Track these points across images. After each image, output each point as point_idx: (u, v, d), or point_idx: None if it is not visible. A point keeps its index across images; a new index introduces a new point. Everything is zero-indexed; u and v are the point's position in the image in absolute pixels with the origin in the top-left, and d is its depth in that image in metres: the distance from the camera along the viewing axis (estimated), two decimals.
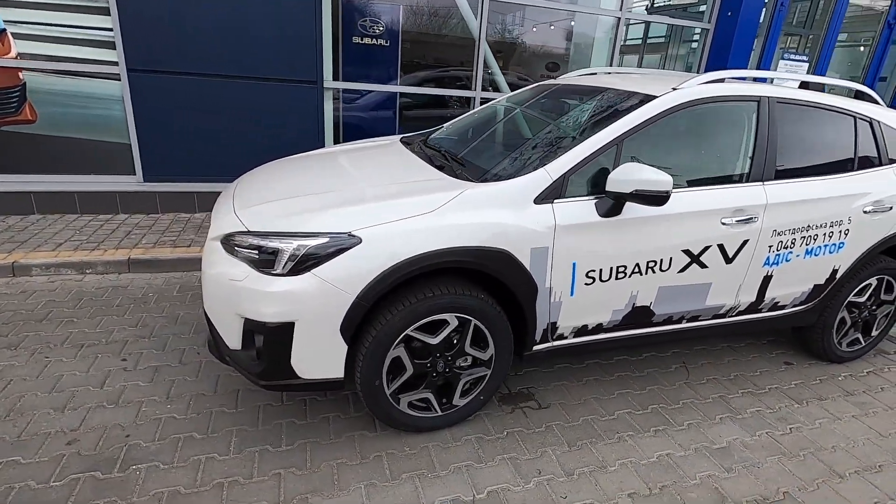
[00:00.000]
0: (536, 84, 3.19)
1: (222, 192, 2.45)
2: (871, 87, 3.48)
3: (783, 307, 2.61)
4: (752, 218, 2.27)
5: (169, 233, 3.88)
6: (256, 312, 1.78)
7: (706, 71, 5.42)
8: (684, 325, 2.43)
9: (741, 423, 2.34)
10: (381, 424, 2.14)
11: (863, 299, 2.79)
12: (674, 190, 1.92)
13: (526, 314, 2.03)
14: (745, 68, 5.31)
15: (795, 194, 2.37)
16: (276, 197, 2.06)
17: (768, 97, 2.36)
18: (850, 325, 2.85)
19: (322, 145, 4.61)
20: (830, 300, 2.68)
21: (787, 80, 2.55)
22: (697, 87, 2.23)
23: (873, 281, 2.76)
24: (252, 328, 1.84)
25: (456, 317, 1.94)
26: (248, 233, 1.86)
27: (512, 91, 5.41)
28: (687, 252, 2.21)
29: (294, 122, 4.44)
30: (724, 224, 2.23)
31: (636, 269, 2.14)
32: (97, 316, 2.84)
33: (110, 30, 3.83)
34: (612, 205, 2.01)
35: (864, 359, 3.01)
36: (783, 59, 5.77)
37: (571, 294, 2.08)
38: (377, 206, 1.86)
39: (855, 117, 2.58)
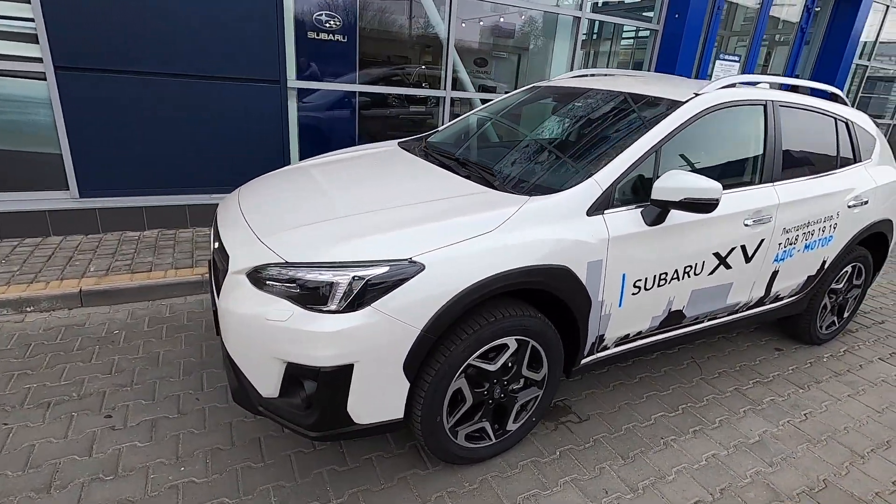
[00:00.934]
0: (531, 85, 3.13)
1: (220, 215, 2.14)
2: None
3: (782, 298, 2.77)
4: (768, 218, 2.37)
5: (121, 256, 3.38)
6: (306, 356, 1.55)
7: (657, 69, 5.69)
8: (706, 323, 2.49)
9: (763, 414, 2.45)
10: (431, 459, 1.98)
11: (840, 285, 3.04)
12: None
13: (580, 330, 1.96)
14: (704, 70, 5.64)
15: (800, 193, 2.51)
16: (306, 220, 1.81)
17: (772, 101, 2.47)
18: (829, 310, 3.09)
19: (287, 150, 4.26)
20: (818, 289, 2.88)
21: (776, 83, 2.68)
22: (717, 91, 2.27)
23: (849, 269, 3.01)
24: (297, 374, 1.61)
25: (516, 340, 1.83)
26: (287, 265, 1.62)
27: (477, 91, 5.37)
28: (717, 255, 2.25)
29: (256, 126, 4.05)
30: (746, 225, 2.30)
31: (675, 276, 2.15)
32: (57, 364, 2.39)
33: (32, 20, 3.23)
34: (659, 213, 1.99)
35: (837, 339, 3.29)
36: (719, 59, 6.20)
37: (620, 305, 2.04)
38: (432, 227, 1.69)
39: (835, 119, 2.78)
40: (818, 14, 7.04)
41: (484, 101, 5.46)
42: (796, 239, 2.55)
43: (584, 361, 2.12)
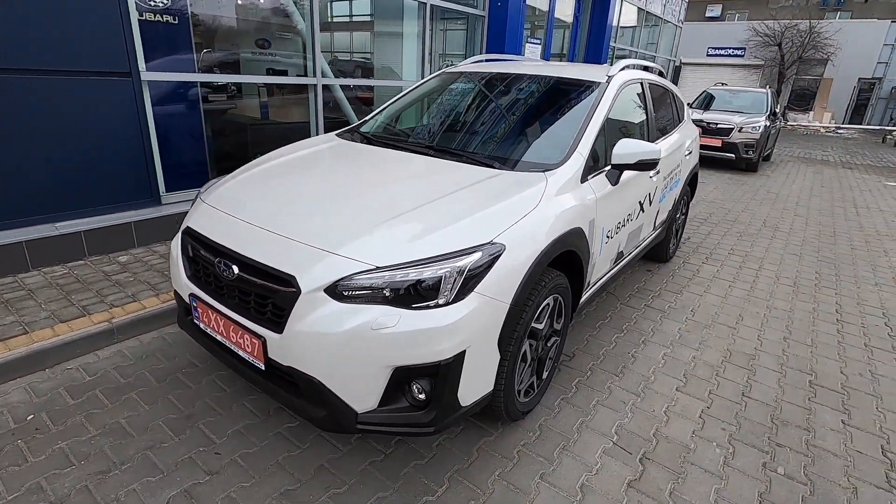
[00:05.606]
0: (440, 72, 3.31)
1: (216, 236, 1.84)
2: None
3: (657, 230, 3.63)
4: (658, 171, 3.10)
5: None
6: (423, 355, 1.56)
7: (488, 51, 6.35)
8: (628, 258, 3.15)
9: (671, 317, 3.26)
10: (490, 425, 2.14)
11: (678, 214, 4.11)
12: None
13: (584, 280, 2.34)
14: (518, 51, 6.47)
15: (668, 148, 3.32)
16: (365, 224, 1.73)
17: (643, 79, 3.18)
18: (674, 234, 4.16)
19: (151, 154, 3.56)
20: (671, 219, 3.86)
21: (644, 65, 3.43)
22: (620, 73, 2.84)
23: (682, 200, 4.09)
24: (407, 376, 1.60)
25: (553, 298, 2.10)
26: (379, 269, 1.56)
27: (336, 76, 5.22)
28: (640, 203, 2.87)
29: (105, 129, 3.27)
30: (651, 178, 2.98)
31: (623, 223, 2.69)
32: None
33: None
34: (618, 175, 2.46)
35: (677, 255, 4.44)
36: (528, 42, 7.23)
37: (600, 254, 2.48)
38: (492, 210, 1.82)
39: (668, 90, 3.70)
40: (584, 6, 8.73)
41: (355, 88, 5.34)
42: (667, 185, 3.39)
43: (579, 305, 2.52)
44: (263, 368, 1.72)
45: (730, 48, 25.26)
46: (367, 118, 3.10)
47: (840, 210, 6.66)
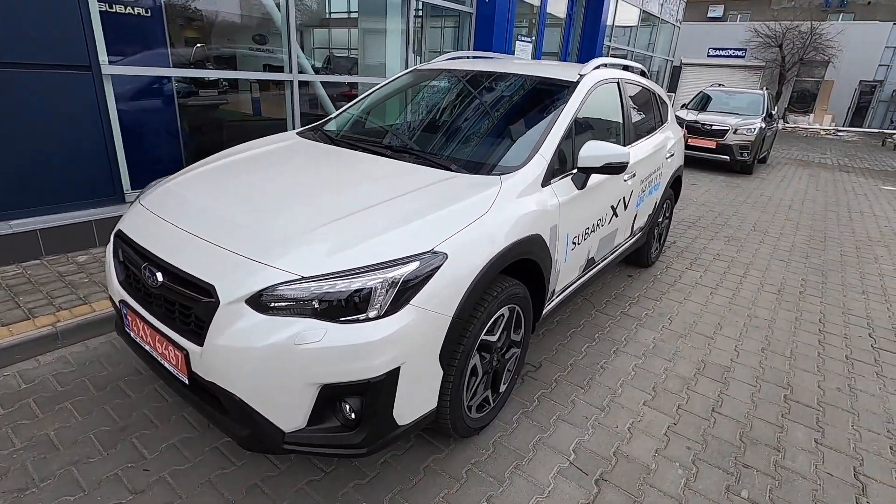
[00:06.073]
0: (412, 68, 3.19)
1: (141, 239, 1.73)
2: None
3: (635, 235, 3.52)
4: (633, 174, 2.98)
5: None
6: (351, 372, 1.45)
7: (475, 48, 6.24)
8: (601, 265, 3.04)
9: (647, 325, 3.14)
10: (442, 441, 2.04)
11: (661, 218, 3.99)
12: None
13: (546, 289, 2.23)
14: (508, 49, 6.34)
15: (645, 151, 3.20)
16: (296, 229, 1.62)
17: (620, 79, 3.06)
18: (655, 238, 4.04)
19: (113, 150, 3.44)
20: (652, 224, 3.75)
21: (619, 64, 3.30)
22: (593, 72, 2.72)
23: (665, 204, 3.97)
24: (335, 394, 1.50)
25: (508, 308, 1.99)
26: (305, 280, 1.45)
27: (316, 72, 5.10)
28: (612, 208, 2.76)
29: (64, 124, 3.16)
30: (625, 181, 2.86)
31: (593, 229, 2.58)
32: None
33: None
34: (584, 178, 2.35)
35: (659, 260, 4.32)
36: (518, 40, 7.10)
37: (565, 261, 2.37)
38: (437, 216, 1.71)
39: (650, 90, 3.58)
40: (578, 4, 8.59)
41: (340, 85, 5.24)
42: (645, 188, 3.27)
43: (541, 315, 2.41)
44: (187, 382, 1.61)
45: (730, 49, 25.09)
46: (332, 115, 2.98)
47: (833, 214, 6.54)
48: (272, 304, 1.45)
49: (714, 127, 8.61)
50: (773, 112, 10.28)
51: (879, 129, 22.20)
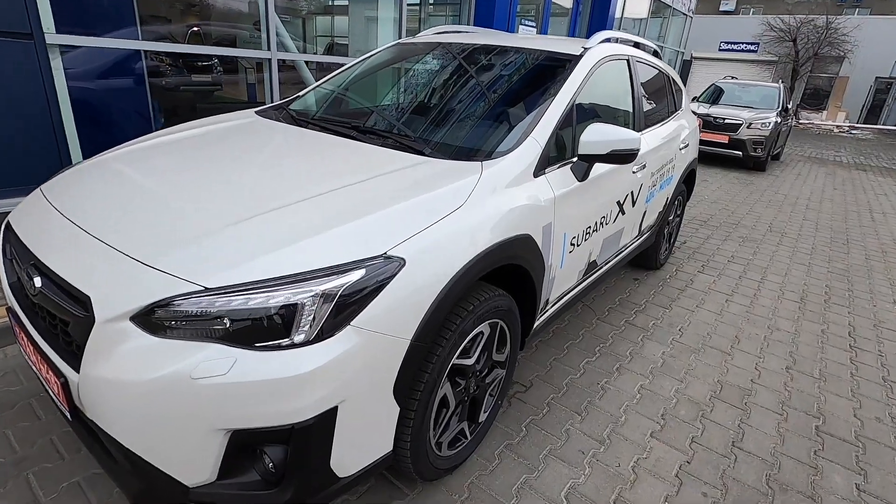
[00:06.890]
0: (394, 42, 2.81)
1: (25, 234, 1.38)
2: None
3: (644, 234, 3.14)
4: (644, 165, 2.60)
5: None
6: (268, 415, 1.10)
7: None
8: (604, 268, 2.67)
9: (654, 338, 2.77)
10: (407, 484, 1.68)
11: (672, 216, 3.61)
12: None
13: (537, 299, 1.86)
14: (509, 30, 5.93)
15: (657, 140, 2.82)
16: (209, 226, 1.26)
17: (631, 56, 2.67)
18: (665, 238, 3.66)
19: (61, 133, 3.09)
20: (663, 222, 3.37)
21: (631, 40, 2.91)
22: (600, 45, 2.34)
23: (677, 200, 3.58)
24: (251, 441, 1.14)
25: (489, 324, 1.63)
26: (209, 292, 1.10)
27: (301, 52, 4.73)
28: (618, 203, 2.39)
29: (1, 103, 2.80)
30: (634, 173, 2.49)
31: (595, 228, 2.21)
32: None
33: None
34: (586, 168, 1.98)
35: (669, 262, 3.94)
36: (521, 24, 6.68)
37: (561, 266, 2.00)
38: (394, 211, 1.34)
39: (664, 73, 3.19)
40: None
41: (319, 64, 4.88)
42: (656, 182, 2.89)
43: (532, 330, 2.05)
44: (69, 417, 1.26)
45: (743, 43, 24.42)
46: (300, 93, 2.61)
47: (854, 215, 6.13)
48: (166, 324, 1.10)
49: (727, 121, 8.17)
50: (789, 106, 9.82)
51: (895, 127, 21.58)
